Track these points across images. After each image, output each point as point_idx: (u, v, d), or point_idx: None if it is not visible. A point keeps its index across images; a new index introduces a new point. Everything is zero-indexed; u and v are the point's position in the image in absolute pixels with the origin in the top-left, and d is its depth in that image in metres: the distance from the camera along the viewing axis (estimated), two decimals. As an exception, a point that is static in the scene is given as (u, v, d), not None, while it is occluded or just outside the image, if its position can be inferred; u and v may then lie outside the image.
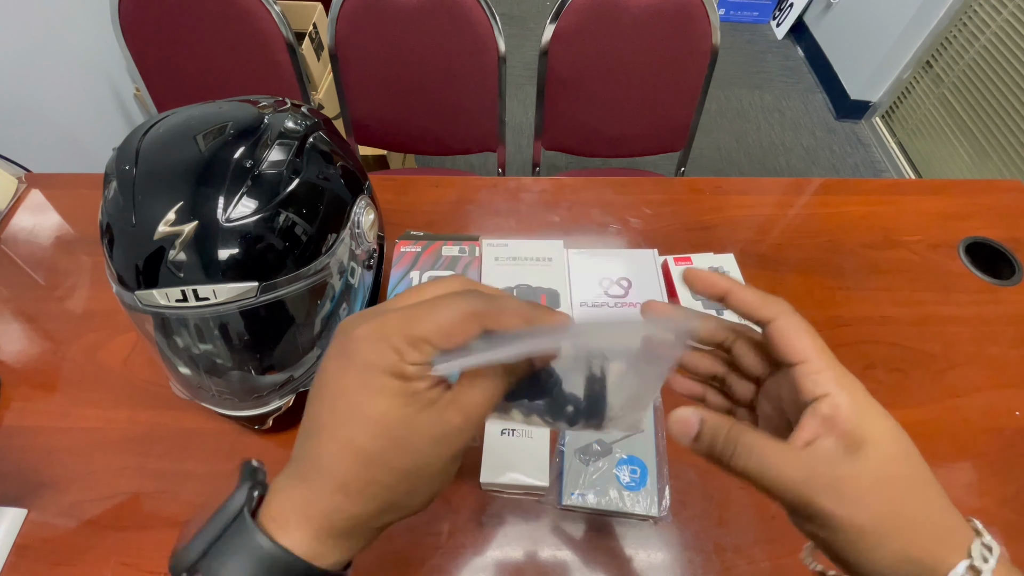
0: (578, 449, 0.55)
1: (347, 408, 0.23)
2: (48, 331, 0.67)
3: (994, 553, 0.21)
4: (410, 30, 1.07)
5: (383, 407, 0.22)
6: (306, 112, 0.54)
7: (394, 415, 0.23)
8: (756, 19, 2.80)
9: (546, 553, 0.52)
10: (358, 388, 0.23)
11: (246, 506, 0.22)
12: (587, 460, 0.54)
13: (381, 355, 0.23)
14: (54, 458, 0.57)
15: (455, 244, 0.68)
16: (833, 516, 0.21)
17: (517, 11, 2.77)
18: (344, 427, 0.23)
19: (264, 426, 0.55)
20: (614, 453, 0.55)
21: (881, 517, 0.22)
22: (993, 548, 0.21)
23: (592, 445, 0.55)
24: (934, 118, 1.98)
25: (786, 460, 0.23)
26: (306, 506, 0.23)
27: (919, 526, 0.22)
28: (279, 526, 0.23)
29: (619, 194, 0.84)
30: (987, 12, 1.75)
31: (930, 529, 0.22)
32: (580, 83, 1.14)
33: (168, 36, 1.08)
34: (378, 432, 0.23)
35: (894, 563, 0.22)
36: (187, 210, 0.42)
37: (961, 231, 0.79)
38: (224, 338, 0.47)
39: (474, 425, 0.24)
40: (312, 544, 0.23)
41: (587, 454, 0.55)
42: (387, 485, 0.23)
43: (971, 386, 0.64)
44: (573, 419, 0.28)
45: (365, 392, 0.23)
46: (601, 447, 0.55)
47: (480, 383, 0.24)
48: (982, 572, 0.21)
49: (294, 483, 0.24)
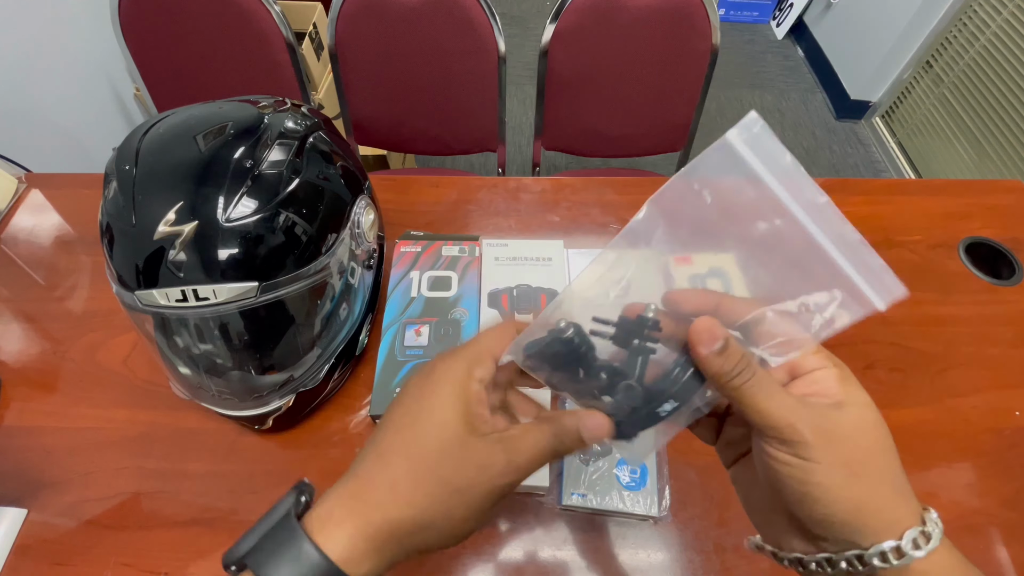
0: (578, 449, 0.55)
1: (418, 410, 0.27)
2: (48, 331, 0.67)
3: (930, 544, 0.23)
4: (410, 30, 1.07)
5: (446, 416, 0.26)
6: (306, 112, 0.54)
7: (452, 428, 0.26)
8: (756, 19, 2.80)
9: (546, 553, 0.52)
10: (430, 395, 0.27)
11: (292, 508, 0.25)
12: (587, 460, 0.54)
13: (452, 370, 0.27)
14: (54, 458, 0.57)
15: (455, 244, 0.68)
16: (813, 447, 0.24)
17: (517, 11, 2.77)
18: (411, 427, 0.26)
19: (264, 426, 0.55)
20: (614, 453, 0.55)
21: (852, 461, 0.24)
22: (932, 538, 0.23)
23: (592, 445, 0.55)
24: (934, 118, 1.98)
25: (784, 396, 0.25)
26: (353, 501, 0.25)
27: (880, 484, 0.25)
28: (322, 524, 0.24)
29: (619, 194, 0.84)
30: (987, 12, 1.75)
31: (887, 493, 0.25)
32: (580, 83, 1.14)
33: (168, 36, 1.08)
34: (437, 436, 0.26)
35: (846, 511, 0.24)
36: (187, 210, 0.42)
37: (961, 231, 0.79)
38: (224, 338, 0.47)
39: (516, 470, 0.26)
40: (347, 545, 0.24)
41: (587, 454, 0.55)
42: (430, 495, 0.25)
43: (971, 386, 0.64)
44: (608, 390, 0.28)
45: (436, 399, 0.26)
46: (601, 447, 0.55)
47: (530, 434, 0.27)
48: (905, 556, 0.23)
49: (347, 481, 0.26)
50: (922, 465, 0.58)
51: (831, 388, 0.26)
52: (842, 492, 0.24)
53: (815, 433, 0.24)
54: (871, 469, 0.25)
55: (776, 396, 0.25)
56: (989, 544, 0.53)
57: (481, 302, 0.63)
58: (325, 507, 0.25)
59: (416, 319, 0.61)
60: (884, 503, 0.24)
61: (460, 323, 0.60)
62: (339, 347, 0.56)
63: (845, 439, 0.24)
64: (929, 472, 0.57)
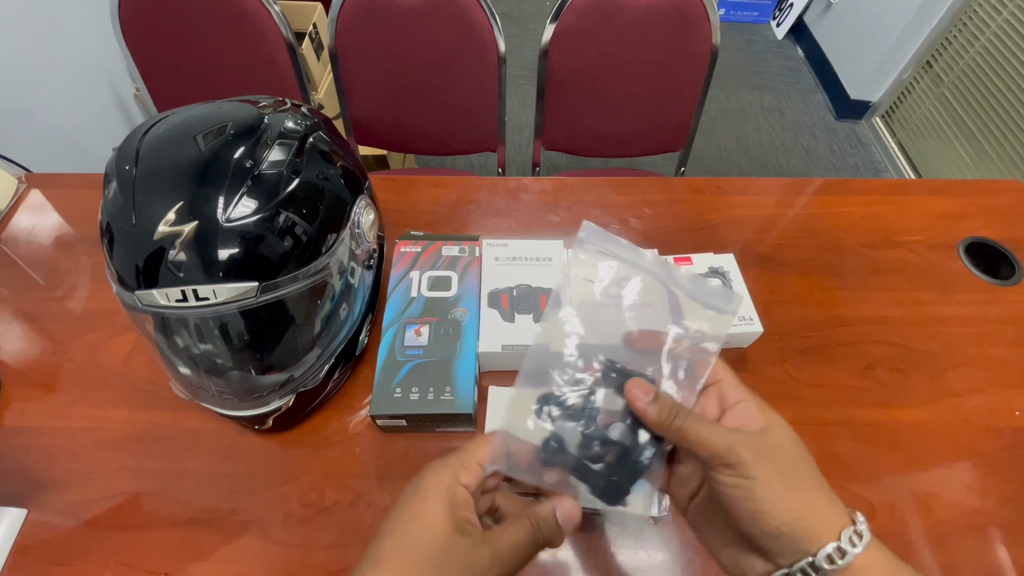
0: (578, 449, 0.55)
1: (409, 517, 0.30)
2: (48, 331, 0.67)
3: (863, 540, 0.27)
4: (410, 30, 1.07)
5: (435, 520, 0.29)
6: (306, 112, 0.54)
7: (440, 530, 0.29)
8: (756, 19, 2.80)
9: (546, 553, 0.52)
10: (420, 502, 0.30)
11: None
12: (587, 460, 0.54)
13: (440, 476, 0.31)
14: (54, 458, 0.57)
15: (455, 244, 0.68)
16: (752, 464, 0.28)
17: (517, 11, 2.77)
18: (403, 532, 0.29)
19: (264, 426, 0.55)
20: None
21: (784, 473, 0.28)
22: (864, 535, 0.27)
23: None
24: (934, 118, 1.98)
25: (719, 427, 0.30)
26: None
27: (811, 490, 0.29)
28: None
29: (619, 194, 0.84)
30: (987, 12, 1.75)
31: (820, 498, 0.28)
32: (580, 83, 1.14)
33: (168, 36, 1.08)
34: (427, 539, 0.29)
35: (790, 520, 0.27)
36: (187, 210, 0.42)
37: (961, 231, 0.79)
38: (224, 338, 0.47)
39: (500, 562, 0.29)
40: None
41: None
42: None
43: (971, 386, 0.64)
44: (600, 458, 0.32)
45: (426, 505, 0.30)
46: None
47: (511, 527, 0.31)
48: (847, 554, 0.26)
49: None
50: (922, 465, 0.57)
51: (754, 416, 0.31)
52: (783, 502, 0.28)
53: (751, 453, 0.28)
54: (801, 478, 0.29)
55: (712, 427, 0.30)
56: (989, 544, 0.53)
57: (481, 302, 0.63)
58: None
59: (416, 319, 0.61)
60: (819, 507, 0.28)
61: (460, 323, 0.60)
62: (339, 347, 0.56)
63: (774, 456, 0.29)
64: (929, 472, 0.57)
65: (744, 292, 0.65)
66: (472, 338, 0.59)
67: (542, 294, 0.64)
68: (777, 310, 0.69)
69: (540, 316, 0.62)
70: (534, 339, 0.35)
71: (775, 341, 0.67)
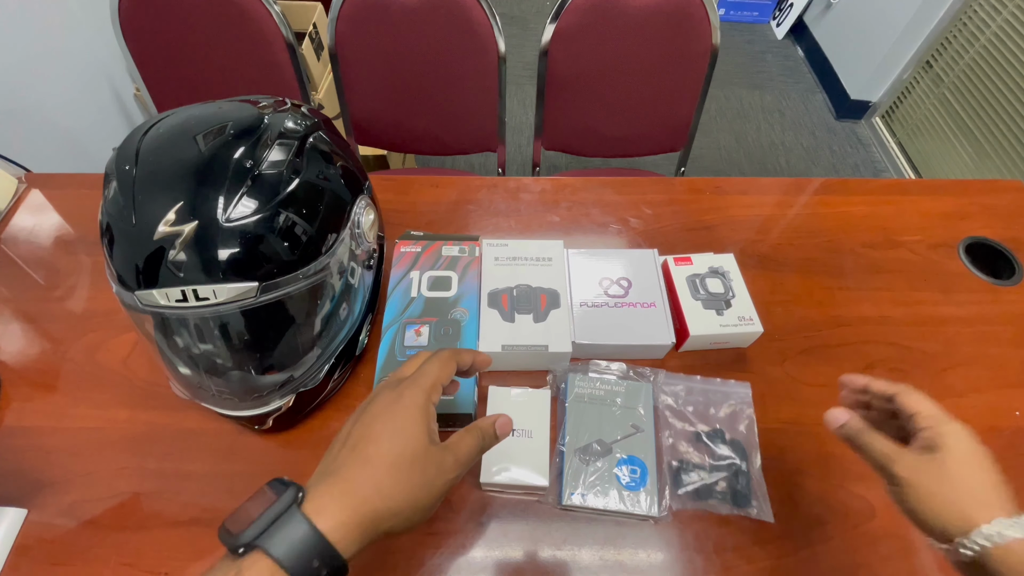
0: (578, 449, 0.55)
1: (393, 428, 0.35)
2: (48, 331, 0.67)
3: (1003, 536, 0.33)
4: (410, 30, 1.07)
5: (415, 432, 0.35)
6: (306, 112, 0.54)
7: (419, 441, 0.35)
8: (756, 19, 2.80)
9: (546, 553, 0.52)
10: (403, 417, 0.36)
11: (295, 503, 0.31)
12: (587, 460, 0.54)
13: (417, 398, 0.37)
14: (54, 458, 0.57)
15: (455, 244, 0.68)
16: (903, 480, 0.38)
17: (517, 11, 2.77)
18: (388, 440, 0.35)
19: (264, 426, 0.55)
20: (614, 453, 0.55)
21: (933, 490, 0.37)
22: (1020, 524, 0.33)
23: (592, 445, 0.55)
24: (934, 118, 1.98)
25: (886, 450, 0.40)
26: (345, 497, 0.32)
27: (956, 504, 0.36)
28: (318, 514, 0.31)
29: (619, 194, 0.84)
30: (987, 12, 1.75)
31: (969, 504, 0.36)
32: (580, 83, 1.14)
33: (168, 36, 1.08)
34: (410, 448, 0.35)
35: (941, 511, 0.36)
36: (187, 210, 0.42)
37: (961, 231, 0.79)
38: (224, 338, 0.47)
39: (459, 465, 0.37)
40: (340, 530, 0.31)
41: (587, 454, 0.55)
42: (405, 491, 0.34)
43: (971, 386, 0.64)
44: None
45: (409, 419, 0.36)
46: (601, 447, 0.55)
47: (465, 438, 0.38)
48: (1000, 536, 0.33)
49: (333, 481, 0.33)
50: (922, 465, 0.57)
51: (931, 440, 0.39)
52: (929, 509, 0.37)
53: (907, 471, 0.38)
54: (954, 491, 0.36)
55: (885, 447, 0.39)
56: (989, 544, 0.53)
57: (481, 302, 0.63)
58: (319, 501, 0.32)
59: (416, 319, 0.61)
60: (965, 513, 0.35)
61: (460, 323, 0.60)
62: (339, 347, 0.56)
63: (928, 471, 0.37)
64: (929, 472, 0.57)
65: (744, 292, 0.65)
66: (472, 338, 0.59)
67: (542, 294, 0.64)
68: (777, 310, 0.70)
69: (540, 316, 0.62)
70: None
71: (775, 341, 0.67)
